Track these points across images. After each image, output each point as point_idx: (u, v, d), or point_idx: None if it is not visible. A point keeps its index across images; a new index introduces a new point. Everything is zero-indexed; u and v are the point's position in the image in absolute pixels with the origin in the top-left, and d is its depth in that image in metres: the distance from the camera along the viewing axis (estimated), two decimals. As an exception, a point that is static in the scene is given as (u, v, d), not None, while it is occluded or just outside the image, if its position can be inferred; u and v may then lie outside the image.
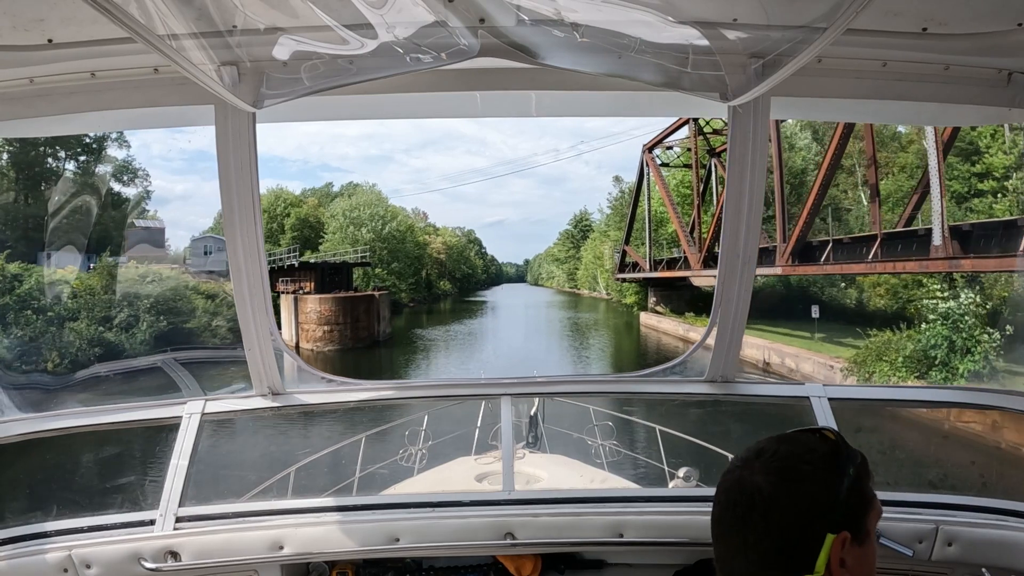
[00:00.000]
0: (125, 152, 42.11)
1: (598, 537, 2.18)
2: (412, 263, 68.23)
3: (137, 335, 28.41)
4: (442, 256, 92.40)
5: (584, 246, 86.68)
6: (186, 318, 31.53)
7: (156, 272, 33.16)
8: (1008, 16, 1.69)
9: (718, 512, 1.12)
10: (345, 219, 61.96)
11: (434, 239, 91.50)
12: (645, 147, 45.06)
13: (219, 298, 33.74)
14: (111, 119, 2.09)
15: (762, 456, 1.10)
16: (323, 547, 2.17)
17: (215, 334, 31.58)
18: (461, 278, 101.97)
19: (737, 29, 1.75)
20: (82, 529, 2.16)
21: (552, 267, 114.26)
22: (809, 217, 27.35)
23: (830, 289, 35.05)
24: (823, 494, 1.05)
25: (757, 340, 26.07)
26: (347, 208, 63.31)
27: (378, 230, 62.26)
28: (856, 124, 25.33)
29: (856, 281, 32.61)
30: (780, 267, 28.77)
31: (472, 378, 2.86)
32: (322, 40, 1.73)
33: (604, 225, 74.85)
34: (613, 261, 57.82)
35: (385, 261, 61.73)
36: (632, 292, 52.76)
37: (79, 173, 39.48)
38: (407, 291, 65.38)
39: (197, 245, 46.09)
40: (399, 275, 63.50)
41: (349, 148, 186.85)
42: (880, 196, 26.55)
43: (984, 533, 2.09)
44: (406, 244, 67.23)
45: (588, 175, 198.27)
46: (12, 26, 1.61)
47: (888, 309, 28.46)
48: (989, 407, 2.50)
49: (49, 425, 2.39)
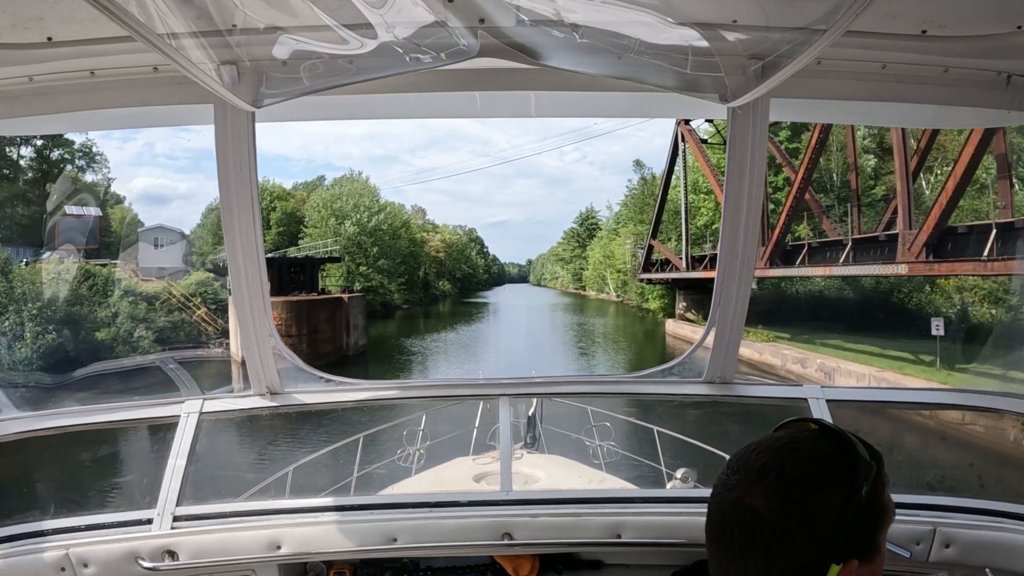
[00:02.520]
0: (84, 136, 40.32)
1: (596, 538, 2.18)
2: (404, 261, 62.20)
3: (19, 351, 22.38)
4: (441, 255, 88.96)
5: (591, 245, 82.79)
6: (94, 328, 26.00)
7: (86, 269, 27.93)
8: (1007, 18, 1.69)
9: (714, 533, 1.03)
10: (326, 210, 55.40)
11: (432, 237, 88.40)
12: (679, 120, 37.18)
13: (161, 300, 29.24)
14: (110, 118, 2.09)
15: (765, 477, 0.99)
16: (321, 547, 2.17)
17: (135, 347, 26.45)
18: (461, 278, 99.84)
19: (736, 30, 1.75)
20: (79, 528, 2.15)
21: (556, 267, 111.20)
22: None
23: (917, 294, 28.31)
24: (833, 522, 0.96)
25: (859, 368, 19.98)
26: (328, 198, 56.71)
27: (363, 223, 55.65)
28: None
29: (937, 284, 26.51)
30: (906, 264, 20.95)
31: (470, 378, 2.86)
32: (322, 40, 1.73)
33: (615, 222, 70.88)
34: (635, 259, 50.93)
35: (371, 258, 55.45)
36: (656, 295, 46.18)
37: (36, 159, 36.80)
38: (399, 292, 60.38)
39: (147, 237, 40.23)
40: (388, 274, 57.32)
41: (353, 148, 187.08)
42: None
43: (982, 535, 2.09)
44: (399, 240, 61.58)
45: (592, 175, 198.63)
46: (12, 24, 1.61)
47: (994, 319, 22.92)
48: (987, 409, 2.50)
49: (46, 424, 2.39)
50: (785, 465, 1.00)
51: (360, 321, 35.08)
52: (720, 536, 1.02)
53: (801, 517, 0.96)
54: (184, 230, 45.42)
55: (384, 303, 55.75)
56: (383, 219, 57.91)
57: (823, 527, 0.96)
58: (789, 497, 0.97)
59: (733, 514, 1.00)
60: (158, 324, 28.42)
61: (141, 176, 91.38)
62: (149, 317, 28.35)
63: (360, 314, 35.23)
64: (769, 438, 1.08)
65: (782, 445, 1.04)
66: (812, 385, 2.50)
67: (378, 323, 47.95)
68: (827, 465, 1.00)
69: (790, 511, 0.96)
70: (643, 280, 47.09)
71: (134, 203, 44.62)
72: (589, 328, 48.60)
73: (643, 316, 48.96)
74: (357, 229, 54.98)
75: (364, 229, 55.44)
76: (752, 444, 1.07)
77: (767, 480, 0.99)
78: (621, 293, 63.13)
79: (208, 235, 45.65)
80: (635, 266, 50.86)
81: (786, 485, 0.98)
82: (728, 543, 1.00)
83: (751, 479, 1.00)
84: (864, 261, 24.22)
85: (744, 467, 1.02)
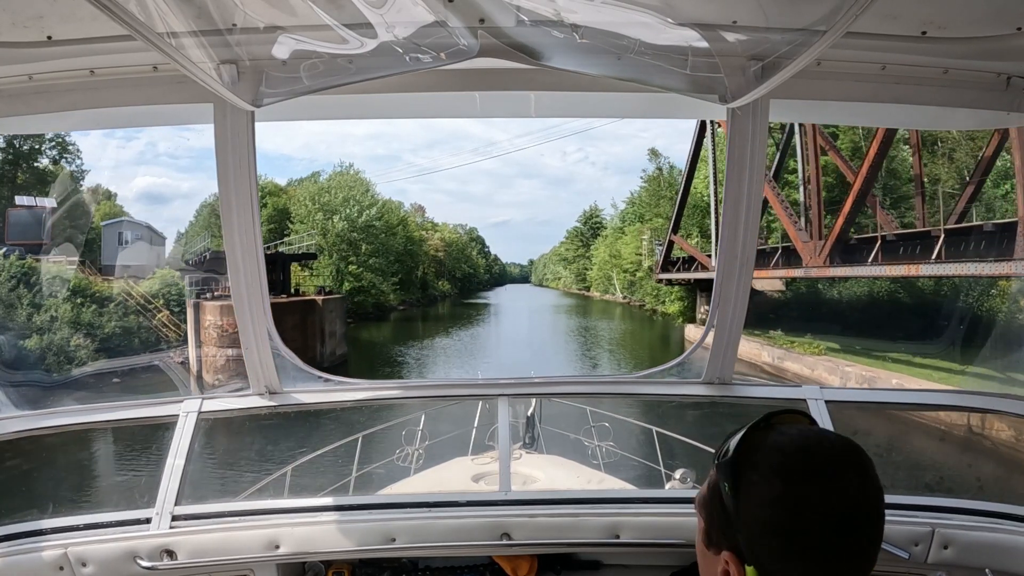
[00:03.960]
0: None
1: (594, 538, 2.18)
2: (400, 259, 58.33)
3: None
4: (440, 254, 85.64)
5: (595, 244, 79.65)
6: (25, 334, 22.65)
7: (30, 267, 24.78)
8: (1007, 20, 1.69)
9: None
10: (313, 204, 50.82)
11: (432, 235, 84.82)
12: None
13: (116, 302, 25.88)
14: (110, 117, 2.08)
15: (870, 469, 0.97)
16: (319, 547, 2.17)
17: (71, 358, 23.14)
18: (462, 278, 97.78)
19: (736, 31, 1.75)
20: (78, 527, 2.15)
21: (559, 267, 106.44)
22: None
23: (988, 299, 23.67)
24: None
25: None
26: (315, 192, 52.13)
27: (353, 218, 50.90)
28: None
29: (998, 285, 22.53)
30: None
31: (470, 378, 2.87)
32: (322, 39, 1.73)
33: (620, 220, 66.59)
34: (653, 257, 45.49)
35: (362, 256, 50.90)
36: (675, 297, 42.29)
37: (5, 148, 33.83)
38: (394, 292, 56.07)
39: (110, 232, 34.77)
40: (381, 273, 52.52)
41: (356, 147, 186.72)
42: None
43: (981, 536, 2.10)
44: (395, 238, 57.80)
45: (595, 176, 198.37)
46: (11, 23, 1.61)
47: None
48: (985, 410, 2.50)
49: (45, 423, 2.39)
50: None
51: (338, 327, 30.87)
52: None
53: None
54: (152, 223, 41.43)
55: (377, 304, 51.77)
56: (375, 214, 53.47)
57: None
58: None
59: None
60: (107, 330, 25.11)
61: (141, 176, 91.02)
62: (96, 322, 25.05)
63: (338, 319, 31.03)
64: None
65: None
66: (811, 385, 2.50)
67: (369, 327, 44.79)
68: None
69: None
70: (661, 280, 43.22)
71: (135, 202, 43.29)
72: (598, 333, 43.61)
73: (658, 319, 44.35)
74: (346, 225, 50.61)
75: (354, 225, 51.08)
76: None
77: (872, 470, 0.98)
78: (628, 294, 59.65)
79: (201, 230, 43.97)
80: (652, 264, 45.70)
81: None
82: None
83: (870, 467, 0.99)
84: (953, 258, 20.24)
85: (860, 457, 0.99)
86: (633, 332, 44.31)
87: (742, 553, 0.96)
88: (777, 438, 0.99)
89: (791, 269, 29.27)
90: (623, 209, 68.07)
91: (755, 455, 0.97)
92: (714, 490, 1.02)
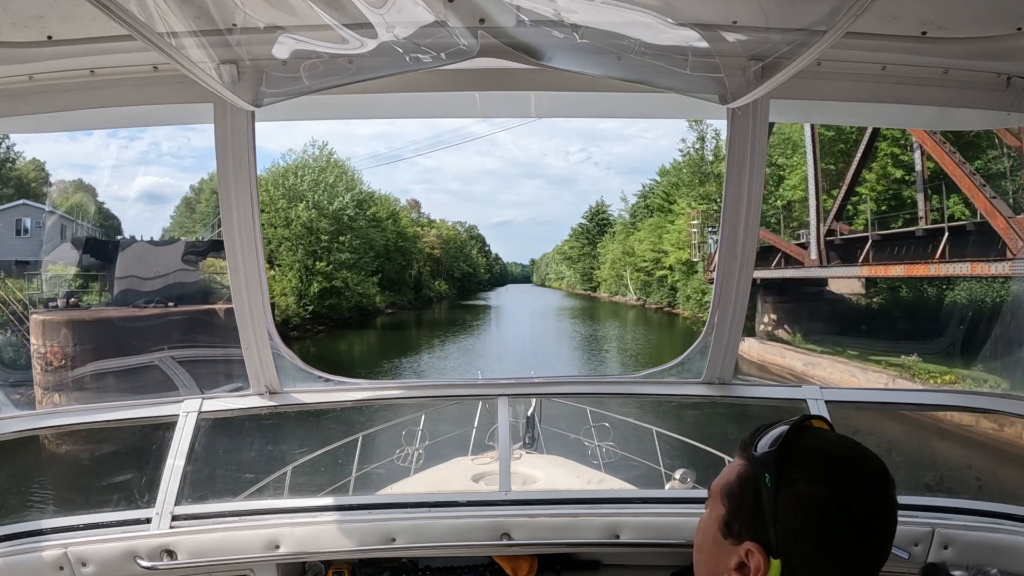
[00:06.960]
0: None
1: (594, 538, 2.18)
2: (389, 255, 51.97)
3: None
4: (437, 252, 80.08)
5: (602, 242, 75.58)
6: None
7: None
8: (1007, 20, 1.69)
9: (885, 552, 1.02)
10: (275, 190, 42.00)
11: (428, 232, 78.81)
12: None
13: None
14: (110, 116, 2.09)
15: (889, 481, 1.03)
16: (319, 547, 2.17)
17: None
18: (460, 277, 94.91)
19: (736, 31, 1.75)
20: (78, 527, 2.15)
21: (562, 267, 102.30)
22: None
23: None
24: None
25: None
26: (278, 173, 43.12)
27: (322, 205, 42.51)
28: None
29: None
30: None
31: (469, 378, 2.87)
32: (322, 39, 1.73)
33: (631, 215, 62.23)
34: (705, 250, 35.47)
35: (334, 251, 42.81)
36: None
37: None
38: (379, 294, 49.17)
39: (7, 217, 28.88)
40: (358, 269, 44.68)
41: (359, 147, 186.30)
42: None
43: (980, 536, 2.10)
44: (384, 231, 51.31)
45: (598, 177, 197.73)
46: (12, 23, 1.61)
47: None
48: (985, 410, 2.50)
49: (46, 423, 2.39)
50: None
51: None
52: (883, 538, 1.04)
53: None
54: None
55: (358, 308, 44.52)
56: (349, 200, 45.01)
57: None
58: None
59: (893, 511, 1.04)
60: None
61: (142, 175, 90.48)
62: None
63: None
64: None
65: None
66: (811, 385, 2.50)
67: (343, 336, 37.37)
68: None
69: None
70: (712, 279, 35.11)
71: (136, 202, 40.66)
72: (618, 345, 35.67)
73: (688, 325, 35.76)
74: (314, 213, 42.11)
75: (324, 212, 42.68)
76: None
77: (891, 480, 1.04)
78: (643, 295, 53.67)
79: (183, 219, 41.00)
80: (704, 256, 35.82)
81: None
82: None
83: (889, 479, 1.05)
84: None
85: (880, 464, 1.05)
86: (657, 341, 35.95)
87: (770, 546, 0.97)
88: (819, 442, 1.03)
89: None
90: (634, 203, 63.04)
91: (798, 455, 1.00)
92: (747, 481, 1.02)
